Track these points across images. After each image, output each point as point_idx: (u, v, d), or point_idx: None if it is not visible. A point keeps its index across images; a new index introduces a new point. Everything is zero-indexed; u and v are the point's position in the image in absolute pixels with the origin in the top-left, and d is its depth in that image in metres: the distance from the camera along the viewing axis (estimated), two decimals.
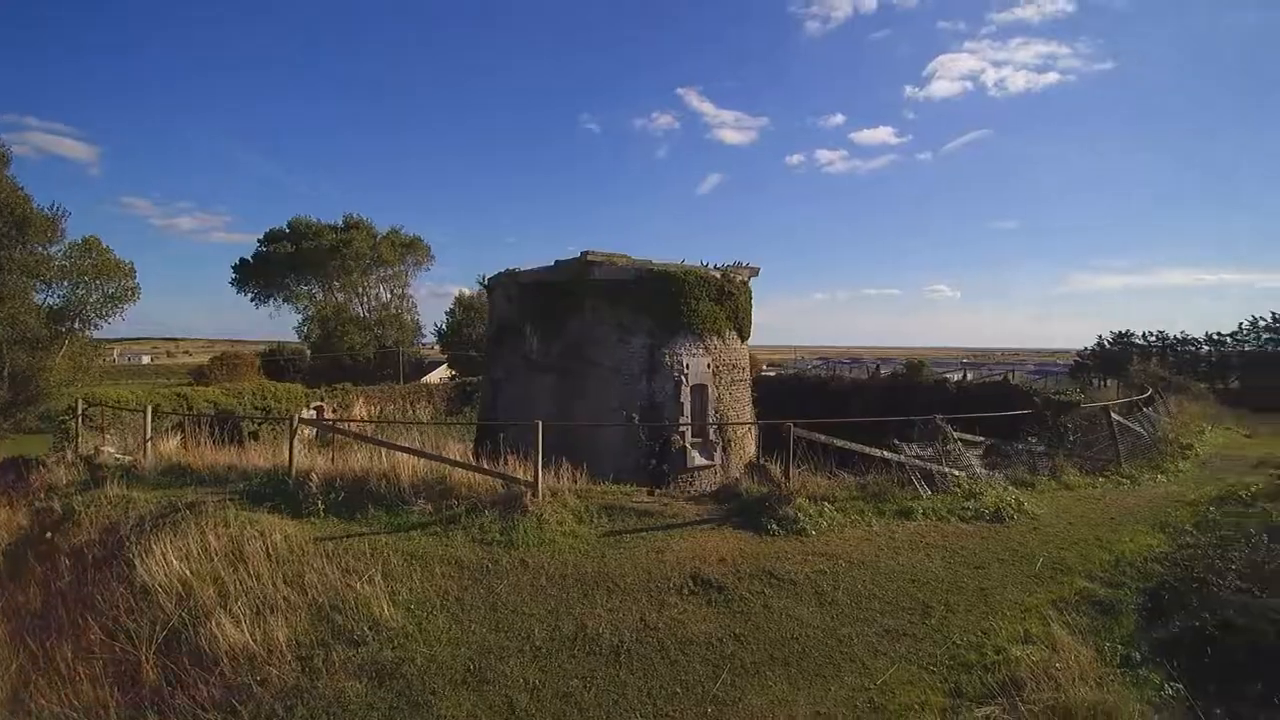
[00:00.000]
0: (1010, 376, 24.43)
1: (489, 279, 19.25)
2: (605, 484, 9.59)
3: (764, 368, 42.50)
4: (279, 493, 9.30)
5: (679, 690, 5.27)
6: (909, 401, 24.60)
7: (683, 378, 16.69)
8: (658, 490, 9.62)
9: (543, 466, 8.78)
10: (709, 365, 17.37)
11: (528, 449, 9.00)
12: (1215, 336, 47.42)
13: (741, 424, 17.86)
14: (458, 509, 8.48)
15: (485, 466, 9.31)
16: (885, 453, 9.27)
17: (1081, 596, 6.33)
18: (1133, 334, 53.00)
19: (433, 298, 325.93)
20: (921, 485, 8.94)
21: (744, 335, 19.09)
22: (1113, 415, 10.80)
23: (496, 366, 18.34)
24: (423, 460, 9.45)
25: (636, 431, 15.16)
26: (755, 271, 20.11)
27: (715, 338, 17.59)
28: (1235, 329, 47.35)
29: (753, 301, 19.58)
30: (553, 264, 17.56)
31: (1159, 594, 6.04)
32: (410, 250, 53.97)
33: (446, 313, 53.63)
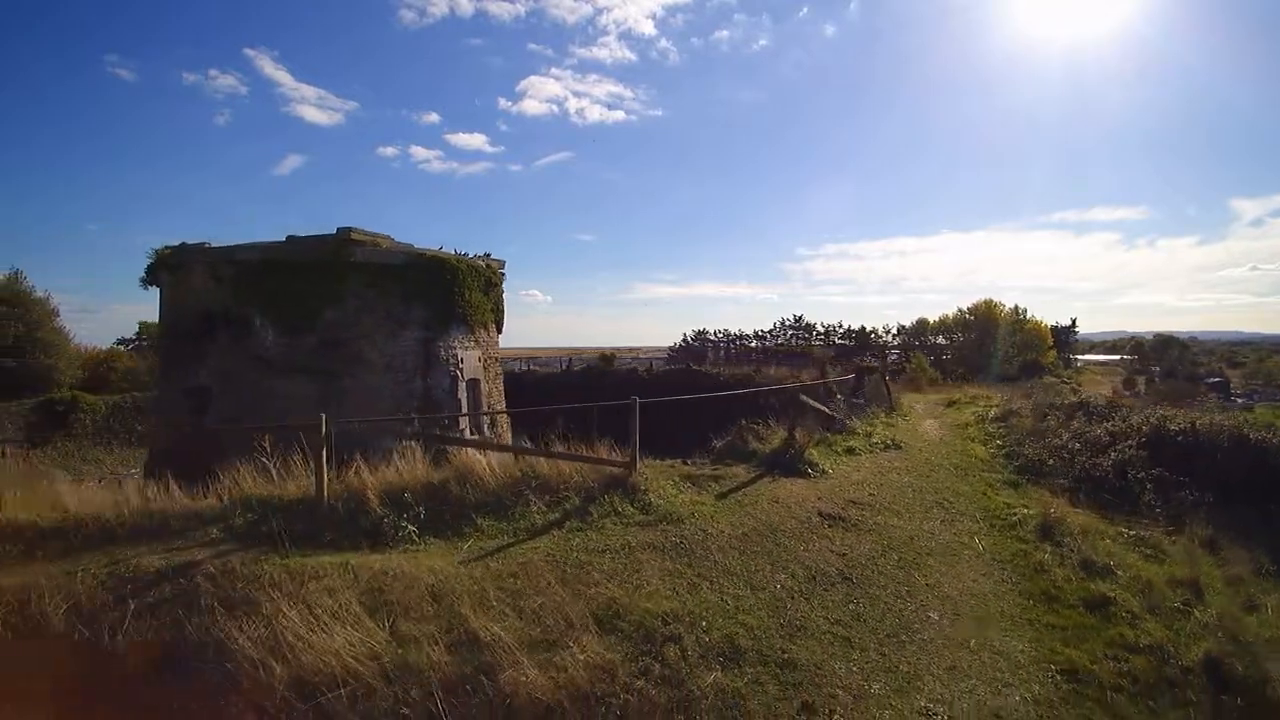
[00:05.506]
0: (690, 365, 30.76)
1: (170, 252, 14.86)
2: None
3: None
4: (315, 524, 7.29)
5: (915, 575, 7.26)
6: (603, 387, 28.18)
7: (459, 372, 16.01)
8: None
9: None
10: (480, 359, 17.03)
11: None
12: (759, 333, 65.47)
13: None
14: (571, 501, 8.21)
15: (572, 453, 9.06)
16: (821, 406, 12.44)
17: (996, 480, 10.57)
18: (707, 332, 69.09)
19: None
20: (843, 429, 12.42)
21: (501, 328, 19.13)
22: (884, 377, 16.29)
23: (199, 370, 14.41)
24: (488, 456, 8.65)
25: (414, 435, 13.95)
26: (503, 264, 20.56)
27: (483, 330, 17.30)
28: (771, 327, 66.24)
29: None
30: (284, 240, 14.75)
31: (1031, 469, 10.70)
32: None
33: None
